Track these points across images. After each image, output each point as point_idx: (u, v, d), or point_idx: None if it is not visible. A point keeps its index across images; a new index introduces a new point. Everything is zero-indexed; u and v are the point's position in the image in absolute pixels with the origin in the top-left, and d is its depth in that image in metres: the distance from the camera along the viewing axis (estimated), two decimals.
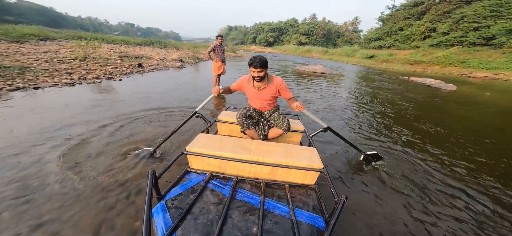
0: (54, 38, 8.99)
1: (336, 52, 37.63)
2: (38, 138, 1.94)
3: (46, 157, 1.68)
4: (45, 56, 5.59)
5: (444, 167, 2.13)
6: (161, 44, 14.67)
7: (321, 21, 53.07)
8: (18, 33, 7.77)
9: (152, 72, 6.47)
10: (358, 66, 22.72)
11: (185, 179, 1.13)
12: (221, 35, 4.44)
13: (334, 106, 4.28)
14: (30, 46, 6.79)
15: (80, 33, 11.45)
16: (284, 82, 1.58)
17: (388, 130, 3.18)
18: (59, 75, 4.33)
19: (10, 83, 3.44)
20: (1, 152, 1.66)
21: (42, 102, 2.95)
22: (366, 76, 11.76)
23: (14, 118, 2.33)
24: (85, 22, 77.34)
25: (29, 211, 1.17)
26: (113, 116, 2.64)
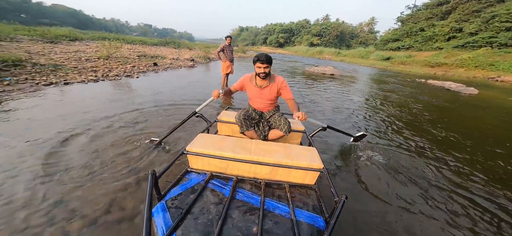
0: (82, 39, 9.93)
1: (349, 54, 36.43)
2: (65, 125, 2.25)
3: (71, 142, 1.95)
4: (74, 55, 6.24)
5: (448, 171, 2.08)
6: (175, 45, 15.43)
7: (334, 22, 51.62)
8: (52, 34, 8.73)
9: (166, 71, 6.89)
10: (372, 68, 21.79)
11: (185, 179, 1.13)
12: (230, 36, 4.62)
13: (341, 108, 4.24)
14: (62, 46, 7.60)
15: (104, 34, 12.51)
16: (285, 81, 1.59)
17: (395, 133, 3.11)
18: (85, 73, 4.83)
19: (45, 79, 3.93)
20: (35, 137, 1.96)
21: (71, 96, 3.35)
22: (379, 79, 11.28)
23: (46, 108, 2.70)
24: (109, 24, 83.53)
25: (53, 187, 1.41)
26: (129, 110, 2.93)
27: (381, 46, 33.38)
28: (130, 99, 3.43)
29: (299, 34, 54.15)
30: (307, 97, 4.96)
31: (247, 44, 59.35)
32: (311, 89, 6.00)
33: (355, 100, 5.15)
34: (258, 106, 1.67)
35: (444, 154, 2.47)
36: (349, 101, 4.91)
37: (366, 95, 5.93)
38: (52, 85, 3.74)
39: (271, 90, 1.57)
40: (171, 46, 15.14)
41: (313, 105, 4.30)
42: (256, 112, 1.68)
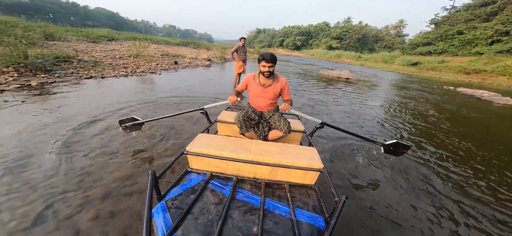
0: (117, 39, 11.27)
1: (371, 58, 34.30)
2: (96, 111, 2.72)
3: (102, 124, 2.37)
4: (110, 53, 7.19)
5: (453, 180, 1.99)
6: (194, 45, 16.43)
7: (356, 25, 49.02)
8: (94, 35, 10.12)
9: (185, 69, 7.48)
10: (395, 73, 20.25)
11: (185, 179, 1.14)
12: (244, 38, 4.87)
13: (353, 112, 4.15)
14: (101, 46, 8.77)
15: (135, 35, 13.99)
16: (288, 83, 1.63)
17: (405, 138, 2.97)
18: (118, 69, 5.56)
19: (86, 73, 4.67)
20: (78, 119, 2.43)
21: (105, 88, 3.95)
22: (401, 85, 10.49)
23: (84, 97, 3.26)
24: (139, 25, 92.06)
25: (81, 159, 1.77)
26: (151, 100, 3.38)
27: (409, 51, 30.72)
28: (152, 93, 3.91)
29: (317, 37, 52.71)
30: (320, 99, 4.94)
31: (263, 46, 59.76)
32: (322, 93, 5.92)
33: (369, 105, 4.97)
34: (258, 105, 1.66)
35: (453, 163, 2.35)
36: (362, 106, 4.76)
37: (382, 101, 5.64)
38: (91, 79, 4.43)
39: (274, 89, 1.58)
40: (191, 46, 16.17)
41: (324, 107, 4.28)
42: (256, 113, 1.66)
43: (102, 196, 1.34)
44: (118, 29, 37.86)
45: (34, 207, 1.21)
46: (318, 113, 3.82)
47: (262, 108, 1.67)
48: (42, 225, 1.11)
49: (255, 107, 1.68)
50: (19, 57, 3.83)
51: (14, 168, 1.51)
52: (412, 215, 1.47)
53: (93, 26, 32.72)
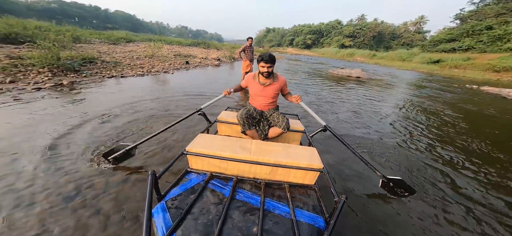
0: (135, 41, 12.02)
1: (387, 56, 32.72)
2: (112, 105, 3.02)
3: (125, 117, 2.65)
4: (128, 54, 7.74)
5: (466, 183, 1.92)
6: (205, 45, 16.91)
7: (371, 22, 46.87)
8: (114, 37, 10.90)
9: (195, 68, 7.82)
10: (413, 72, 19.13)
11: (185, 179, 1.14)
12: (251, 38, 5.02)
13: (359, 112, 4.09)
14: (120, 47, 9.44)
15: (150, 36, 14.79)
16: (286, 80, 1.73)
17: (412, 138, 2.91)
18: (135, 68, 6.01)
19: (108, 73, 5.12)
20: (103, 113, 2.74)
21: (123, 86, 4.32)
22: (418, 84, 9.98)
23: (105, 94, 3.62)
24: (154, 27, 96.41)
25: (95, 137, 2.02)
26: (164, 97, 3.66)
27: (430, 48, 28.85)
28: (164, 90, 4.21)
29: (328, 36, 51.33)
30: (325, 97, 4.92)
31: (272, 45, 59.52)
32: (329, 91, 5.87)
33: (379, 104, 4.84)
34: (259, 104, 1.71)
35: (463, 164, 2.26)
36: (372, 105, 4.66)
37: (394, 100, 5.46)
38: (112, 78, 4.86)
39: (274, 88, 1.65)
40: (202, 46, 16.68)
41: (330, 105, 4.27)
42: (257, 111, 1.71)
43: None
44: (134, 31, 40.17)
45: (78, 151, 1.47)
46: (324, 113, 3.82)
47: (262, 107, 1.72)
48: None
49: (255, 106, 1.73)
50: (53, 59, 4.33)
51: (62, 138, 1.80)
52: (413, 215, 1.45)
53: (113, 28, 35.10)
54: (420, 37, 41.71)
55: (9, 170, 1.52)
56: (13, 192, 1.33)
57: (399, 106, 4.88)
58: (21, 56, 4.36)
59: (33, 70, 4.04)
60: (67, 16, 51.99)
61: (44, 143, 1.88)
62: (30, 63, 4.17)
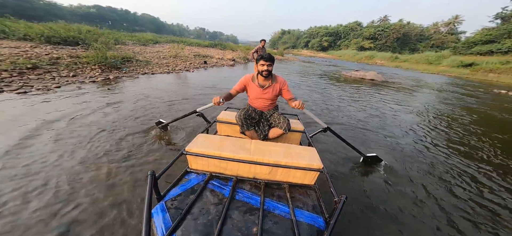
0: (160, 42, 13.35)
1: (411, 59, 30.62)
2: (145, 97, 3.72)
3: (158, 103, 3.31)
4: (156, 54, 8.79)
5: (469, 186, 1.85)
6: (221, 46, 17.88)
7: (395, 23, 43.99)
8: (144, 39, 12.29)
9: (212, 68, 8.56)
10: (440, 76, 17.81)
11: (184, 179, 1.14)
12: (264, 40, 5.48)
13: (364, 112, 4.12)
14: (149, 48, 10.67)
15: (173, 38, 16.19)
16: (286, 82, 1.64)
17: (417, 139, 2.90)
18: (162, 67, 6.90)
19: (141, 70, 6.03)
20: (140, 99, 3.45)
21: (152, 82, 5.12)
22: (440, 87, 9.42)
23: (138, 88, 4.40)
24: (175, 28, 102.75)
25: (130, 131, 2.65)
26: (186, 90, 4.33)
27: (463, 50, 26.32)
28: (186, 86, 4.91)
29: (347, 38, 49.47)
30: (331, 95, 5.11)
31: (287, 47, 59.19)
32: (335, 91, 6.02)
33: (389, 106, 4.87)
34: (258, 106, 1.68)
35: (468, 167, 2.23)
36: (378, 105, 4.72)
37: (406, 103, 5.40)
38: (145, 75, 5.73)
39: (273, 90, 1.61)
40: (218, 48, 17.67)
41: (335, 106, 4.38)
42: (256, 112, 1.69)
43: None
44: (158, 32, 43.69)
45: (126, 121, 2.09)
46: (327, 114, 3.89)
47: (262, 108, 1.70)
48: None
49: (255, 107, 1.71)
50: (102, 58, 5.32)
51: (118, 110, 2.48)
52: (414, 216, 1.44)
53: (140, 30, 38.70)
54: (453, 38, 37.98)
55: (103, 121, 2.29)
56: (108, 132, 2.01)
57: (411, 109, 4.85)
58: (78, 56, 5.44)
59: (88, 67, 5.04)
60: (103, 20, 58.57)
61: (97, 118, 2.59)
62: (85, 61, 5.20)
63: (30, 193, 1.34)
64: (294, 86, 6.39)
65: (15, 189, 1.35)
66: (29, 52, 4.88)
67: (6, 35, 5.73)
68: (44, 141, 1.94)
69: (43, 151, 1.78)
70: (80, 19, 43.99)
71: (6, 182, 1.41)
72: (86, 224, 1.16)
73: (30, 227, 1.11)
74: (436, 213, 1.54)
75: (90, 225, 1.15)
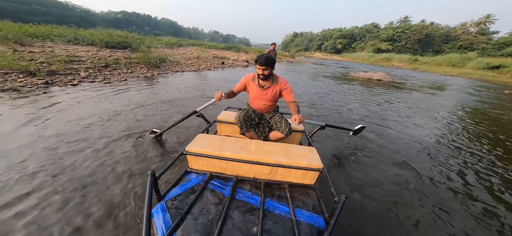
0: (183, 45, 15.11)
1: (432, 61, 29.41)
2: (177, 91, 4.98)
3: (194, 92, 4.54)
4: (182, 56, 10.34)
5: (470, 187, 1.88)
6: (235, 49, 19.30)
7: (417, 24, 42.15)
8: (171, 43, 14.08)
9: (228, 68, 9.87)
10: (459, 78, 17.20)
11: (184, 179, 1.16)
12: (274, 43, 6.52)
13: (358, 106, 4.66)
14: (176, 50, 12.35)
15: (194, 41, 18.02)
16: (288, 83, 1.59)
17: (412, 137, 2.97)
18: (189, 66, 8.34)
19: (174, 69, 7.46)
20: (181, 90, 4.71)
21: (183, 78, 6.47)
22: (451, 88, 9.63)
23: (179, 82, 5.73)
24: (191, 32, 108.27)
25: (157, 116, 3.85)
26: (211, 82, 5.55)
27: (492, 52, 24.80)
28: (210, 79, 6.23)
29: (363, 40, 48.42)
30: (330, 94, 5.87)
31: (299, 50, 59.43)
32: (335, 90, 6.69)
33: (377, 100, 5.35)
34: (258, 106, 1.67)
35: (470, 170, 2.20)
36: (372, 100, 5.24)
37: (404, 100, 5.80)
38: (177, 72, 7.13)
39: (273, 91, 1.59)
40: (233, 50, 19.11)
41: (334, 104, 5.05)
42: (256, 113, 1.68)
43: None
44: (176, 35, 47.08)
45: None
46: (322, 110, 4.40)
47: (262, 110, 1.68)
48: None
49: (255, 108, 1.69)
50: (147, 59, 6.82)
51: (171, 98, 3.72)
52: (414, 217, 1.47)
53: (160, 34, 42.27)
54: (484, 39, 35.41)
55: (158, 105, 3.51)
56: (166, 109, 3.21)
57: (408, 106, 5.32)
58: (130, 57, 7.01)
59: (138, 66, 6.55)
60: (128, 24, 64.57)
61: (162, 97, 3.89)
62: (136, 61, 6.73)
63: (132, 128, 2.54)
64: (300, 84, 7.33)
65: (122, 130, 2.58)
66: (97, 55, 6.53)
67: (78, 41, 7.54)
68: (131, 114, 3.13)
69: (147, 112, 3.07)
70: (110, 25, 49.09)
71: (122, 123, 2.64)
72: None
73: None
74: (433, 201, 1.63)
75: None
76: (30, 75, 4.07)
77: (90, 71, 5.11)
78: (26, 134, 2.08)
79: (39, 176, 1.53)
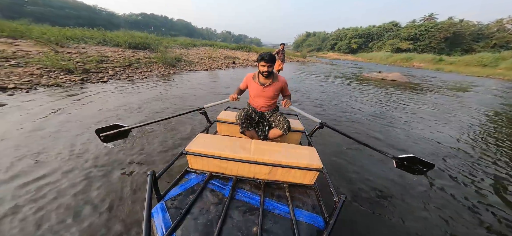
0: (197, 45, 15.84)
1: (460, 61, 27.15)
2: (186, 88, 5.36)
3: (204, 89, 4.90)
4: (196, 55, 10.92)
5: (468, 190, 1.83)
6: (246, 49, 19.67)
7: (444, 22, 38.99)
8: (185, 43, 14.87)
9: (239, 67, 10.22)
10: (488, 79, 15.94)
11: (184, 179, 1.16)
12: (283, 43, 6.68)
13: (374, 112, 4.19)
14: (189, 50, 13.04)
15: (207, 42, 18.78)
16: (286, 81, 1.69)
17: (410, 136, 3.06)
18: (202, 65, 8.84)
19: (187, 68, 7.97)
20: (181, 92, 5.10)
21: (194, 76, 6.91)
22: (473, 90, 8.92)
23: (191, 79, 6.16)
24: (204, 32, 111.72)
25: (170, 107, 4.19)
26: (221, 80, 5.89)
27: None
28: (221, 78, 6.57)
29: (380, 39, 46.00)
30: (337, 95, 5.87)
31: (311, 50, 58.21)
32: (343, 90, 6.60)
33: (397, 107, 5.05)
34: (258, 105, 1.70)
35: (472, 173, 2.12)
36: (388, 106, 4.98)
37: (415, 101, 5.58)
38: (191, 71, 7.62)
39: (274, 89, 1.64)
40: (244, 50, 19.51)
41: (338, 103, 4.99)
42: (256, 112, 1.71)
43: None
44: (190, 36, 49.22)
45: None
46: (323, 111, 4.02)
47: (262, 108, 1.72)
48: None
49: (255, 107, 1.73)
50: (164, 58, 7.40)
51: (184, 93, 4.10)
52: (414, 217, 1.46)
53: (175, 34, 44.56)
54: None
55: (173, 99, 3.89)
56: (179, 103, 3.57)
57: (418, 108, 5.21)
58: (149, 57, 7.66)
59: (156, 65, 7.15)
60: (147, 26, 68.77)
61: (177, 93, 4.29)
62: (154, 61, 7.34)
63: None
64: (305, 84, 7.38)
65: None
66: (122, 55, 7.25)
67: (106, 43, 8.41)
68: (150, 105, 3.67)
69: (164, 105, 3.48)
70: (131, 26, 52.67)
71: (143, 115, 3.04)
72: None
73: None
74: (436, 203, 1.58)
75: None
76: (69, 73, 4.74)
77: (117, 70, 5.75)
78: (72, 118, 2.68)
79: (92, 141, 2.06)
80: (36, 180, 1.54)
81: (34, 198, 1.39)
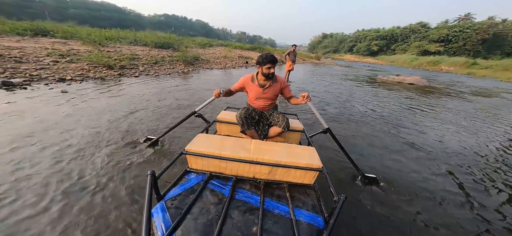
0: (213, 45, 16.76)
1: (497, 65, 24.30)
2: (202, 83, 5.93)
3: (202, 89, 5.43)
4: (212, 55, 11.71)
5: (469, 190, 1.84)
6: (260, 50, 20.12)
7: (482, 22, 35.02)
8: (203, 43, 15.87)
9: (252, 67, 10.69)
10: None
11: (184, 179, 1.16)
12: (295, 45, 6.93)
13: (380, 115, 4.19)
14: (207, 50, 13.93)
15: (222, 42, 19.71)
16: (284, 80, 1.66)
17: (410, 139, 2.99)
18: (218, 64, 9.54)
19: (204, 66, 8.67)
20: (209, 83, 5.67)
21: (210, 75, 7.53)
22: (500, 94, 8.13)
23: (205, 78, 6.77)
24: (220, 32, 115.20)
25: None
26: (227, 82, 6.34)
27: None
28: (233, 78, 7.11)
29: (405, 41, 42.83)
30: (346, 96, 5.80)
31: (327, 52, 56.32)
32: (354, 91, 6.55)
33: (394, 102, 5.19)
34: (258, 105, 1.71)
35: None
36: (391, 104, 5.02)
37: (427, 105, 5.38)
38: (207, 69, 8.30)
39: (274, 90, 1.65)
40: (257, 51, 19.99)
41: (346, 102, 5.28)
42: (256, 112, 1.72)
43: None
44: (207, 36, 51.32)
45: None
46: (322, 111, 4.30)
47: (262, 108, 1.73)
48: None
49: (255, 107, 1.73)
50: (185, 57, 8.19)
51: (201, 87, 4.67)
52: (413, 217, 1.48)
53: (194, 34, 47.06)
54: None
55: (192, 92, 4.47)
56: (194, 94, 4.14)
57: (417, 106, 5.04)
58: (172, 55, 8.53)
59: (177, 63, 7.96)
60: (168, 26, 73.44)
61: (195, 87, 4.85)
62: (176, 59, 8.18)
63: (180, 99, 3.48)
64: (314, 85, 7.53)
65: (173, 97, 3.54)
66: (149, 54, 8.21)
67: (136, 42, 9.55)
68: (174, 94, 4.30)
69: (177, 97, 4.09)
70: (155, 27, 56.72)
71: (169, 100, 3.63)
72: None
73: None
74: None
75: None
76: (110, 69, 5.66)
77: (145, 67, 6.62)
78: (116, 101, 3.43)
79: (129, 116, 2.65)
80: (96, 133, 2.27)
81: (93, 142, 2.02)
